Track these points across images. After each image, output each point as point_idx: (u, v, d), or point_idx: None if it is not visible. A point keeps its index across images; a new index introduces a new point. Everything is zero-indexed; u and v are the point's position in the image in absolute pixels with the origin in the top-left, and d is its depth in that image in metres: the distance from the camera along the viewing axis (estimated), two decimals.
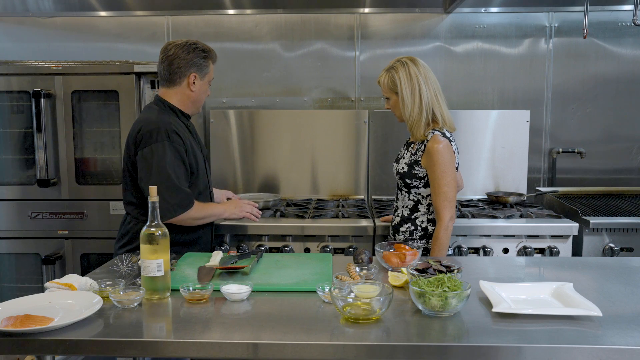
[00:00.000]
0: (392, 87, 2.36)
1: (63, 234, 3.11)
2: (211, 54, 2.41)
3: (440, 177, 2.27)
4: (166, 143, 2.22)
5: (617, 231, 2.76)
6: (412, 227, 2.41)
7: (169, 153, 2.22)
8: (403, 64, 2.33)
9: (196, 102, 2.41)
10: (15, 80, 3.06)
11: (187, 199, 2.24)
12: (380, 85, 2.44)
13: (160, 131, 2.23)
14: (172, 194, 2.20)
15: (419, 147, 2.36)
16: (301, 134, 3.48)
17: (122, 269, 1.88)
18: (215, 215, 2.43)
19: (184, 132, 2.33)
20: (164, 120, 2.28)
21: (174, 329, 1.50)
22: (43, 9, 3.55)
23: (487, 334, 1.41)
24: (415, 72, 2.32)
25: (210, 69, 2.41)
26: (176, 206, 2.21)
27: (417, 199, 2.40)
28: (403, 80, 2.32)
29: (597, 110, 3.57)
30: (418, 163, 2.35)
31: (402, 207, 2.45)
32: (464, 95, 3.56)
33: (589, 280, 1.84)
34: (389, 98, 2.40)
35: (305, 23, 3.56)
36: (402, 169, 2.39)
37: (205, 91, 2.43)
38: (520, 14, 3.52)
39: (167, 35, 3.56)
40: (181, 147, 2.26)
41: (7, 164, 3.13)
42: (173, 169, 2.22)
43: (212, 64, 2.41)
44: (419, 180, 2.36)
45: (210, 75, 2.42)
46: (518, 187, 3.46)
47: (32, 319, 1.44)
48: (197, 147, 2.40)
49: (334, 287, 1.59)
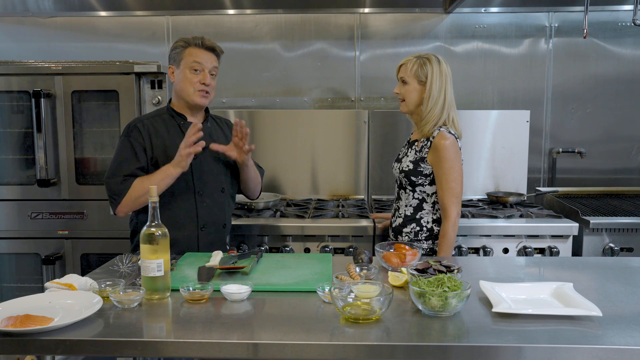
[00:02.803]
0: (418, 75, 2.34)
1: (63, 234, 3.11)
2: (191, 40, 2.29)
3: (447, 173, 2.28)
4: (122, 139, 2.28)
5: (617, 231, 2.76)
6: (417, 227, 2.39)
7: (118, 148, 2.27)
8: (437, 59, 2.35)
9: (179, 92, 2.29)
10: (15, 80, 3.06)
11: (115, 191, 2.19)
12: (401, 67, 2.40)
13: (125, 127, 2.31)
14: (106, 188, 2.23)
15: (424, 144, 2.36)
16: (301, 134, 3.48)
17: (122, 269, 1.89)
18: (161, 178, 2.15)
19: (159, 130, 2.28)
20: (138, 118, 2.37)
21: (174, 329, 1.50)
22: (43, 9, 3.55)
23: (487, 334, 1.41)
24: (446, 70, 2.35)
25: (184, 54, 2.27)
26: (109, 200, 2.23)
27: (422, 197, 2.39)
28: (435, 74, 2.32)
29: (597, 110, 3.57)
30: (424, 160, 2.34)
31: (405, 207, 2.43)
32: (464, 95, 3.56)
33: (589, 280, 1.84)
34: (407, 83, 2.37)
35: (305, 23, 3.56)
36: (407, 166, 2.38)
37: (186, 78, 2.27)
38: (520, 14, 3.52)
39: (167, 35, 3.57)
40: (137, 143, 2.24)
41: (7, 164, 3.13)
42: (114, 163, 2.24)
43: (191, 48, 2.28)
44: (425, 178, 2.35)
45: (186, 60, 2.27)
46: (518, 187, 3.46)
47: (32, 319, 1.44)
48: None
49: (334, 287, 1.59)
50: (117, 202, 2.20)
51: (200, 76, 2.27)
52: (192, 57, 2.26)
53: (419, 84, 2.35)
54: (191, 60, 2.26)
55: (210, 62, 2.29)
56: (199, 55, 2.27)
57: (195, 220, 2.31)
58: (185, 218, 2.29)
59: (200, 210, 2.31)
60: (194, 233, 2.31)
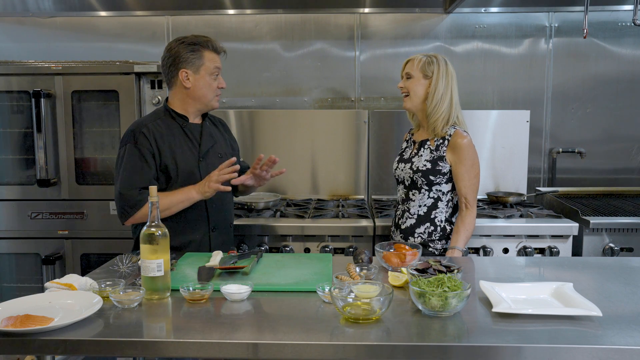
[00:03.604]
0: (425, 70, 2.36)
1: (63, 234, 3.11)
2: (204, 43, 2.24)
3: (470, 170, 2.34)
4: (128, 145, 2.20)
5: (617, 231, 2.76)
6: (431, 227, 2.39)
7: (127, 156, 2.19)
8: (444, 60, 2.38)
9: (199, 98, 2.26)
10: (15, 80, 3.06)
11: (130, 203, 2.14)
12: (408, 63, 2.41)
13: (128, 133, 2.23)
14: (117, 199, 2.18)
15: (440, 143, 2.37)
16: (301, 134, 3.48)
17: (122, 269, 1.89)
18: (180, 200, 2.16)
19: (164, 134, 2.22)
20: (139, 121, 2.26)
21: (174, 329, 1.50)
22: (43, 9, 3.55)
23: (487, 334, 1.41)
24: (452, 72, 2.38)
25: (205, 59, 2.23)
26: (120, 210, 2.16)
27: (438, 195, 2.39)
28: (442, 71, 2.35)
29: (597, 110, 3.57)
30: (443, 159, 2.36)
31: (418, 207, 2.41)
32: (464, 95, 3.52)
33: (589, 280, 1.84)
34: (412, 77, 2.38)
35: (305, 23, 3.56)
36: (424, 166, 2.37)
37: (207, 84, 2.25)
38: (520, 14, 3.52)
39: (167, 35, 3.57)
40: (146, 149, 2.18)
41: (7, 164, 3.13)
42: (126, 172, 2.17)
43: (208, 52, 2.24)
44: (442, 177, 2.37)
45: (207, 66, 2.24)
46: (518, 187, 3.46)
47: (32, 319, 1.44)
48: (188, 151, 2.26)
49: (334, 287, 1.59)
50: (130, 214, 2.16)
51: (219, 80, 2.29)
52: (213, 63, 2.25)
53: (424, 78, 2.37)
54: (212, 67, 2.25)
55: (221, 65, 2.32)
56: (217, 60, 2.28)
57: (206, 222, 2.31)
58: (197, 221, 2.28)
59: (210, 212, 2.30)
60: (205, 235, 2.31)
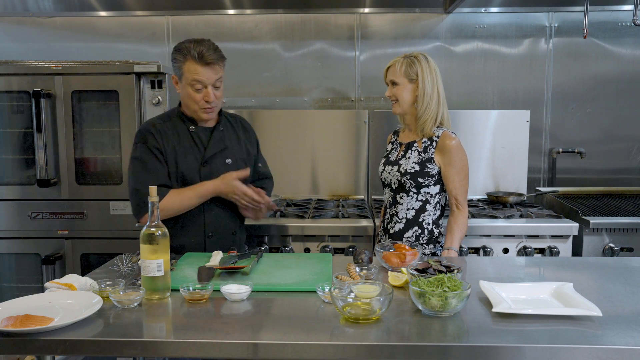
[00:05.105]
0: (408, 73, 2.33)
1: (63, 234, 3.11)
2: (186, 50, 2.09)
3: (460, 171, 2.34)
4: (139, 145, 2.20)
5: (617, 231, 2.76)
6: (419, 230, 2.38)
7: (139, 154, 2.19)
8: (424, 57, 2.35)
9: (185, 108, 2.24)
10: (15, 80, 3.06)
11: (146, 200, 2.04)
12: (389, 70, 2.39)
13: (138, 133, 2.24)
14: (132, 197, 2.18)
15: (427, 145, 2.36)
16: (301, 134, 3.48)
17: (122, 269, 1.89)
18: (198, 196, 2.16)
19: (170, 136, 2.21)
20: (149, 122, 2.27)
21: (174, 329, 1.50)
22: (43, 9, 3.55)
23: (487, 334, 1.41)
24: (435, 67, 2.35)
25: (184, 70, 2.11)
26: (136, 207, 2.17)
27: (426, 198, 2.38)
28: (426, 71, 2.32)
29: (597, 110, 3.57)
30: (431, 160, 2.34)
31: (406, 210, 2.39)
32: (464, 95, 3.57)
33: (589, 280, 1.84)
34: (397, 84, 2.35)
35: (305, 23, 3.57)
36: (412, 168, 2.35)
37: (187, 95, 2.15)
38: (520, 14, 3.52)
39: (167, 35, 3.57)
40: (155, 149, 2.18)
41: (7, 164, 3.13)
42: (139, 172, 2.17)
43: (190, 62, 2.09)
44: (431, 179, 2.35)
45: (186, 77, 2.11)
46: (518, 187, 3.46)
47: (32, 319, 1.44)
48: (191, 155, 2.22)
49: (334, 287, 1.59)
50: (146, 210, 2.10)
51: (203, 94, 2.14)
52: (191, 75, 2.10)
53: (409, 82, 2.34)
54: (191, 78, 2.11)
55: (212, 77, 2.13)
56: (199, 72, 2.10)
57: (202, 228, 2.27)
58: (191, 225, 2.25)
59: (207, 217, 2.26)
60: (200, 240, 2.27)
